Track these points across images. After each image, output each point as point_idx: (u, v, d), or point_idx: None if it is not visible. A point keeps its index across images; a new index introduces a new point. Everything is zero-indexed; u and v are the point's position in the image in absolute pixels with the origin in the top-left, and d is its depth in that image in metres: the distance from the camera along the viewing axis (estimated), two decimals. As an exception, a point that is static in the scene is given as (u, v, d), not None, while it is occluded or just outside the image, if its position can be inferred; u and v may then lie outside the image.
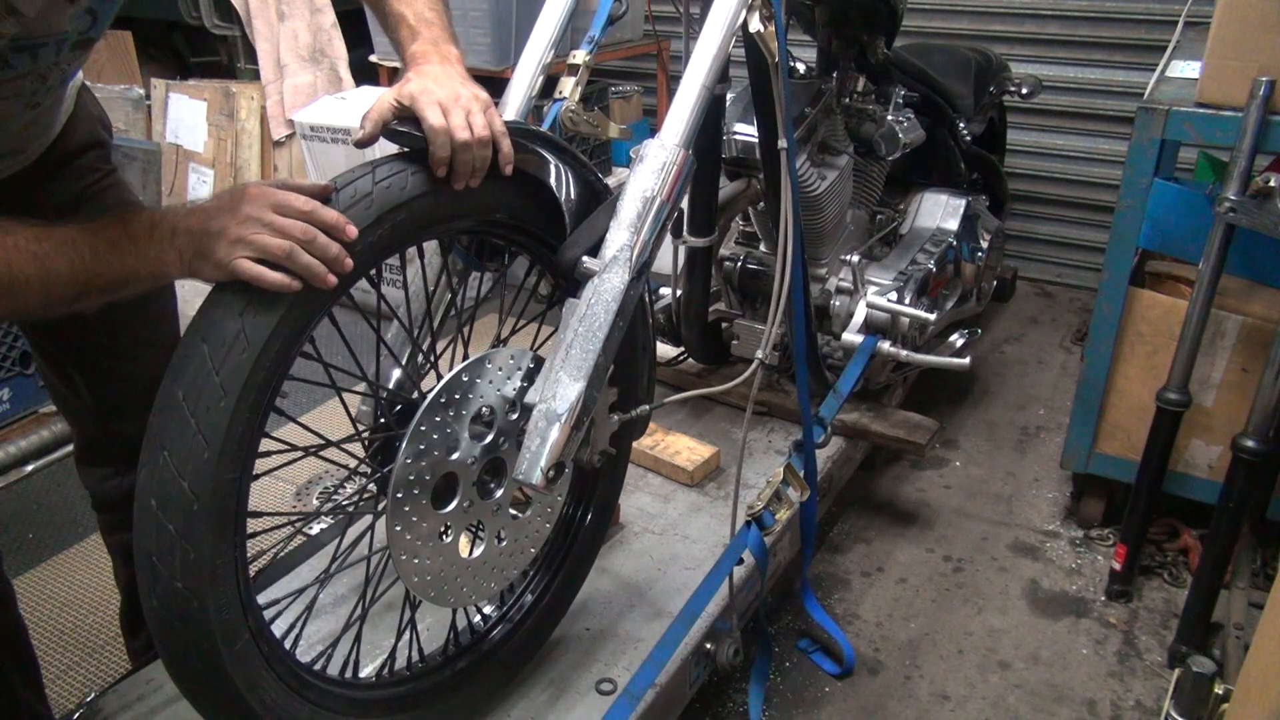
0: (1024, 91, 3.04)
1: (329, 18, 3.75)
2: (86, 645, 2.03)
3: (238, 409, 1.00)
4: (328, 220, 1.06)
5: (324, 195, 1.09)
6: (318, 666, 1.24)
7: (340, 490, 1.53)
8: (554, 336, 1.26)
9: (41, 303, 1.02)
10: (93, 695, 1.56)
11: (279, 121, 3.75)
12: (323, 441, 1.23)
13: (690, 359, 2.42)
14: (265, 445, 1.09)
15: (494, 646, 1.48)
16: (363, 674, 1.35)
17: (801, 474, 1.74)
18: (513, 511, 1.34)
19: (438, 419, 1.20)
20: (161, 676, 1.55)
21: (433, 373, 1.34)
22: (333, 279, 1.07)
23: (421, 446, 1.19)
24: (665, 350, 2.43)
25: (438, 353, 1.38)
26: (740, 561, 1.66)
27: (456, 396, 1.22)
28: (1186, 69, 2.22)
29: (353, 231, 1.08)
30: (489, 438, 1.27)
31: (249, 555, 1.12)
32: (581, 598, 1.63)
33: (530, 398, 1.24)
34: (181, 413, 0.99)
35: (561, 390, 1.20)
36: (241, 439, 1.02)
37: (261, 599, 1.16)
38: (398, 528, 1.18)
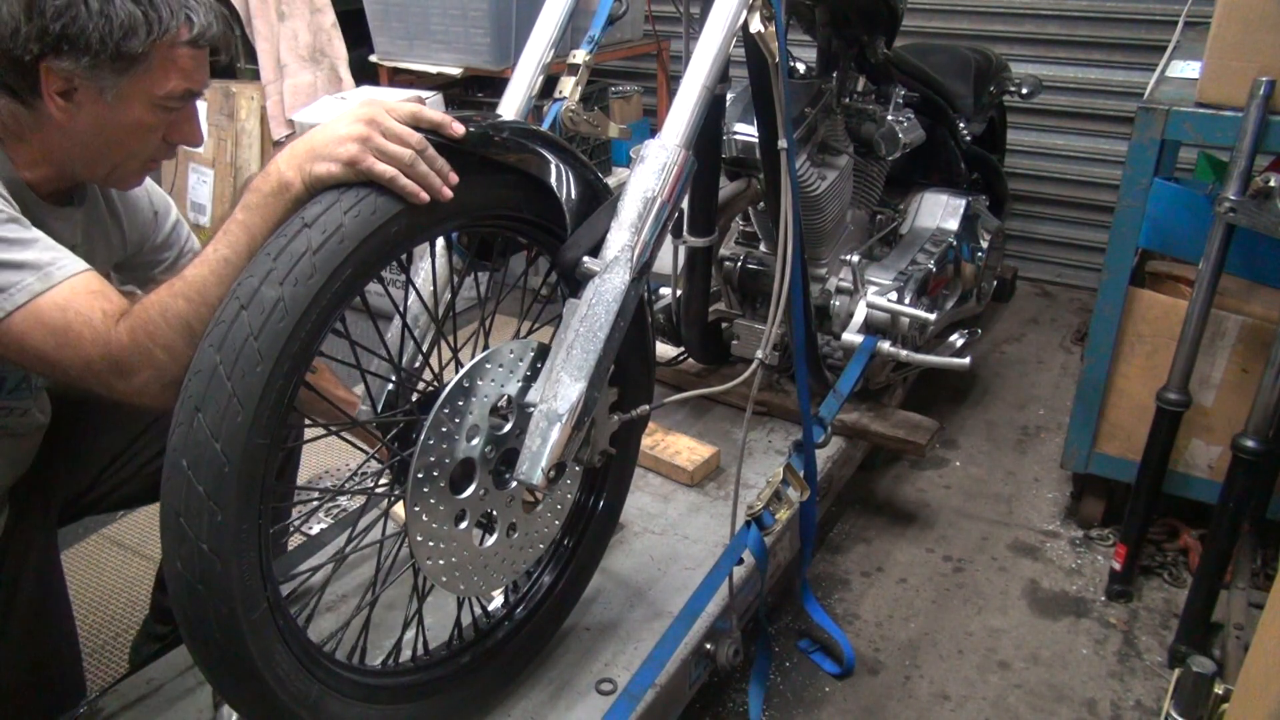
0: (1024, 91, 3.05)
1: (329, 17, 3.75)
2: (86, 645, 2.03)
3: (273, 375, 1.02)
4: (435, 120, 1.14)
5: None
6: (328, 649, 1.26)
7: (361, 472, 1.55)
8: (555, 336, 1.26)
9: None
10: (93, 695, 1.56)
11: (279, 121, 3.74)
12: (347, 420, 1.24)
13: (690, 359, 2.42)
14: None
15: (499, 642, 1.49)
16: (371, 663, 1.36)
17: (801, 474, 1.73)
18: (527, 498, 1.35)
19: (460, 403, 1.22)
20: (161, 676, 1.55)
21: (450, 364, 1.35)
22: (448, 192, 1.13)
23: (444, 430, 1.20)
24: (665, 350, 2.43)
25: (457, 344, 1.39)
26: (740, 561, 1.66)
27: (479, 384, 1.24)
28: (1186, 69, 2.22)
29: (458, 129, 1.15)
30: (506, 428, 1.28)
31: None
32: (582, 597, 1.63)
33: (531, 397, 1.25)
34: (219, 375, 1.01)
35: (563, 390, 1.20)
36: (274, 407, 1.04)
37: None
38: (416, 508, 1.19)
